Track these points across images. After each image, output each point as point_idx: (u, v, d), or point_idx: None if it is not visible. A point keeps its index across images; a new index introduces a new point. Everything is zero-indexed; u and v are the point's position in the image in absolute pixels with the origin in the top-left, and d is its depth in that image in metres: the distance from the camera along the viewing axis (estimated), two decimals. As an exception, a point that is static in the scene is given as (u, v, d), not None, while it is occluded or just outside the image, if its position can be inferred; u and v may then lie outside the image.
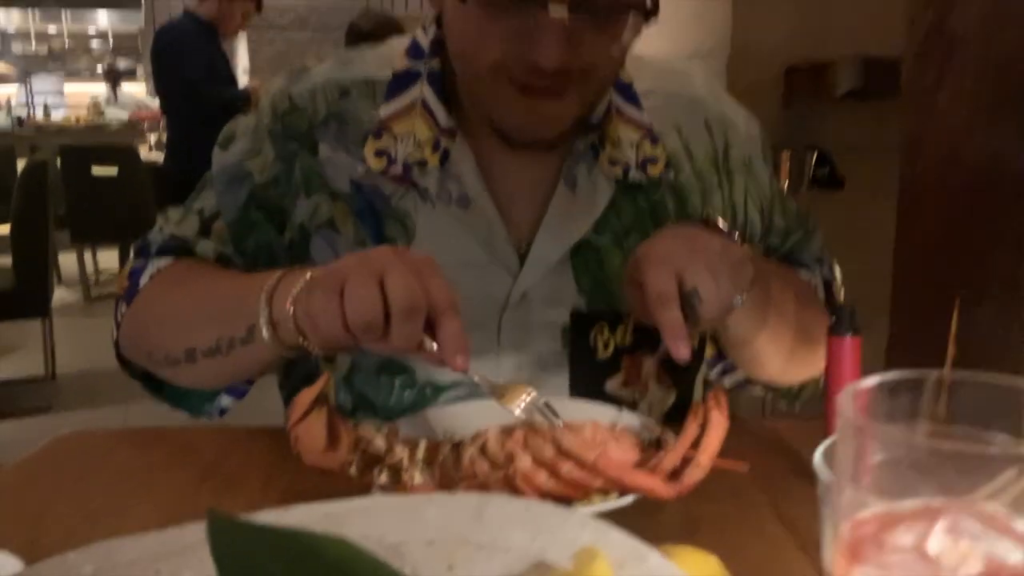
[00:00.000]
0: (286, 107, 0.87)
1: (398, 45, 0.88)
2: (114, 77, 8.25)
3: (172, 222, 0.91)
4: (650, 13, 0.73)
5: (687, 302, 0.67)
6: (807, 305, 0.88)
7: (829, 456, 0.45)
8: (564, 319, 0.84)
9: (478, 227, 0.83)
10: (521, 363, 0.84)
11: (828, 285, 0.97)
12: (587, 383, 0.84)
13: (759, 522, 0.62)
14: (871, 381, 0.34)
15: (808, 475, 0.70)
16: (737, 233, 0.82)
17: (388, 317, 0.60)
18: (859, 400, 0.33)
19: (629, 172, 0.85)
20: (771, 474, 0.70)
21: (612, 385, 0.85)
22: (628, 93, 0.87)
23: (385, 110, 0.84)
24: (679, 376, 0.90)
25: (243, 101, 3.60)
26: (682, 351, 0.65)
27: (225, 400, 0.88)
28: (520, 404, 0.63)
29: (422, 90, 0.84)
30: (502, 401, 0.63)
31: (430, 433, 0.61)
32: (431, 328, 0.62)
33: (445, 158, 0.83)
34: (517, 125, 0.80)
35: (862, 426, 0.32)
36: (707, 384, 0.98)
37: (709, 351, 0.95)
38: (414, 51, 0.86)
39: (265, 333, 0.68)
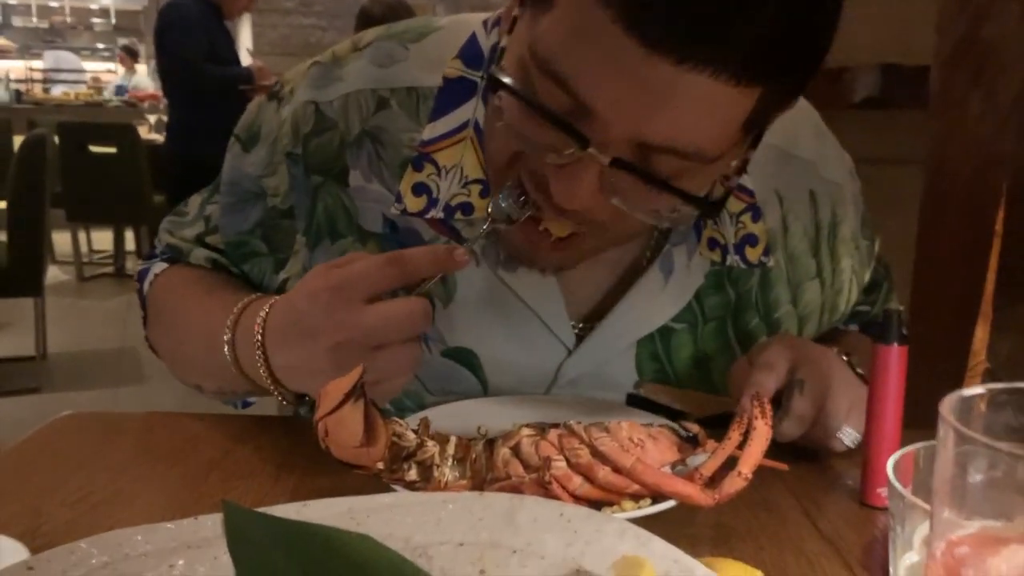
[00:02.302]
0: (311, 125, 0.73)
1: (445, 41, 0.73)
2: (133, 56, 8.19)
3: (174, 222, 0.87)
4: (706, 208, 0.60)
5: (787, 391, 0.65)
6: None
7: (900, 469, 0.43)
8: (619, 402, 0.75)
9: (529, 293, 0.72)
10: None
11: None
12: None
13: (797, 536, 0.59)
14: (975, 390, 0.31)
15: (843, 487, 0.68)
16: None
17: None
18: (961, 411, 0.31)
19: (727, 256, 0.74)
20: (804, 485, 0.67)
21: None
22: None
23: (430, 131, 0.71)
24: None
25: (245, 80, 3.58)
26: (747, 407, 0.57)
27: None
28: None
29: (475, 109, 0.70)
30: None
31: (460, 428, 0.58)
32: None
33: None
34: (539, 258, 0.69)
35: (969, 439, 0.29)
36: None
37: None
38: (470, 55, 0.71)
39: (256, 385, 0.67)
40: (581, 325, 0.74)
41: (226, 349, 0.67)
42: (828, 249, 0.80)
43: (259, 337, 0.63)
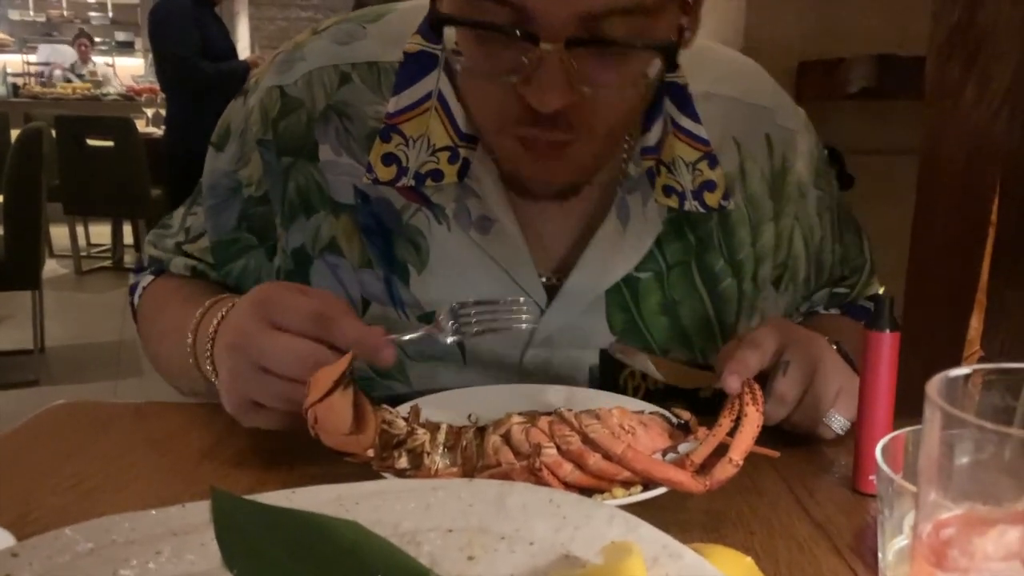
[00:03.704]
0: (278, 108, 0.76)
1: (405, 17, 0.77)
2: (91, 42, 8.16)
3: (157, 233, 0.89)
4: (671, 52, 0.63)
5: (772, 372, 0.66)
6: None
7: (889, 453, 0.43)
8: (592, 360, 0.77)
9: (501, 255, 0.74)
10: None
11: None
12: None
13: (788, 523, 0.59)
14: (962, 371, 0.31)
15: (835, 474, 0.68)
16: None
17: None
18: (948, 391, 0.30)
19: (684, 201, 0.75)
20: (795, 469, 0.67)
21: None
22: (683, 99, 0.76)
23: (395, 103, 0.73)
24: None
25: (242, 74, 3.57)
26: (731, 383, 0.60)
27: None
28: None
29: (438, 80, 0.72)
30: None
31: (451, 416, 0.58)
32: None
33: (464, 171, 0.72)
34: (530, 175, 0.70)
35: (956, 420, 0.29)
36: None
37: None
38: (430, 32, 0.73)
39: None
40: (552, 279, 0.76)
41: (188, 351, 0.70)
42: (777, 195, 0.82)
43: (210, 342, 0.66)
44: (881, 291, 0.99)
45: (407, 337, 0.63)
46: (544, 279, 0.75)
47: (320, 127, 0.75)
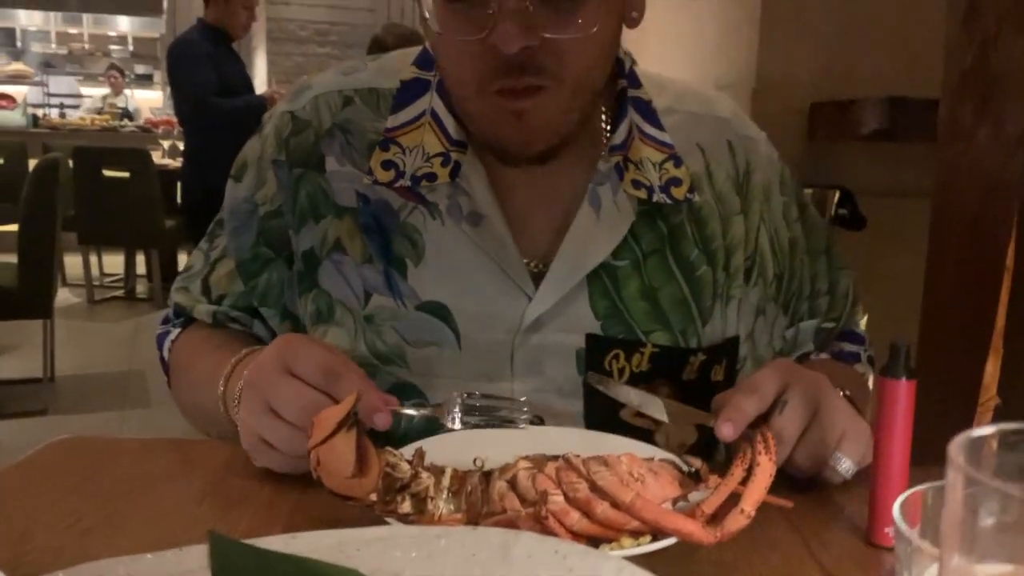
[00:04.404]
0: (289, 128, 0.85)
1: (404, 56, 0.87)
2: (121, 75, 8.28)
3: (183, 278, 0.93)
4: None
5: (770, 411, 0.65)
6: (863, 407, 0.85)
7: (907, 509, 0.41)
8: (579, 344, 0.81)
9: (490, 246, 0.80)
10: (536, 387, 0.81)
11: (872, 361, 0.97)
12: (602, 410, 0.80)
13: (800, 574, 0.57)
14: (984, 431, 0.30)
15: (848, 525, 0.66)
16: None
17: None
18: (971, 452, 0.29)
19: (653, 194, 0.82)
20: (809, 522, 0.65)
21: (627, 413, 0.81)
22: (649, 113, 0.85)
23: (392, 120, 0.82)
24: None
25: (257, 108, 3.60)
26: (725, 430, 0.63)
27: None
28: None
29: (431, 101, 0.82)
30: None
31: (457, 459, 0.57)
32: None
33: (455, 172, 0.80)
34: (509, 136, 0.77)
35: (979, 482, 0.27)
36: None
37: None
38: (423, 61, 0.84)
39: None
40: (538, 267, 0.82)
41: (219, 397, 0.75)
42: (744, 192, 0.88)
43: (239, 389, 0.69)
44: (864, 321, 1.01)
45: (407, 411, 0.67)
46: (530, 268, 0.81)
47: (326, 142, 0.84)
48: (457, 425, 0.66)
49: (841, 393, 0.72)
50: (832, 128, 2.12)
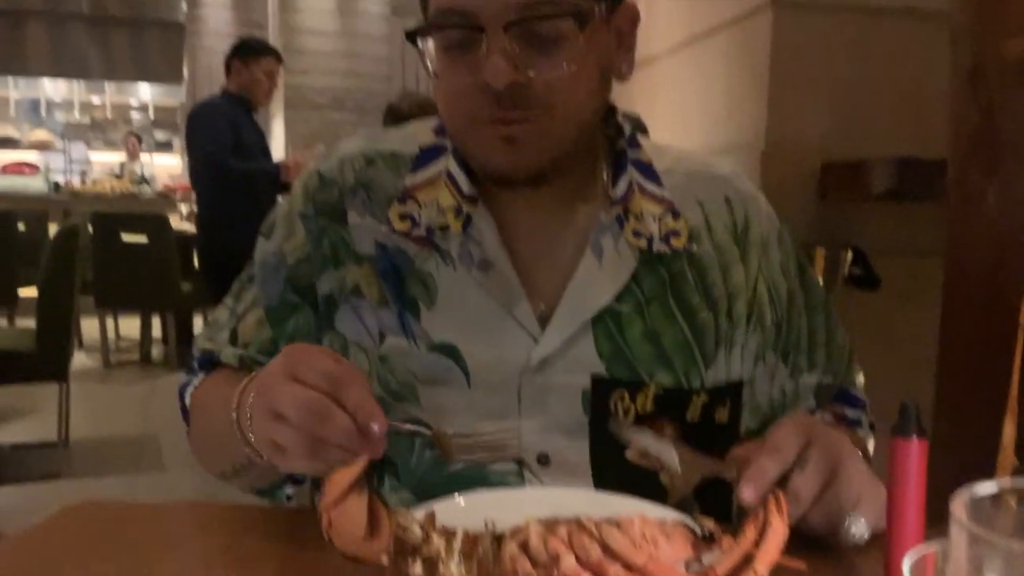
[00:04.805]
0: (316, 185, 0.92)
1: (423, 125, 0.94)
2: (139, 141, 8.47)
3: (210, 329, 0.96)
4: (585, 20, 0.77)
5: (792, 466, 0.66)
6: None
7: (918, 569, 0.41)
8: (585, 385, 0.84)
9: (498, 291, 0.84)
10: (542, 428, 0.83)
11: (872, 427, 0.97)
12: (608, 451, 0.82)
13: (818, 640, 0.57)
14: (988, 487, 0.30)
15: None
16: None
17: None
18: (974, 509, 0.30)
19: (653, 243, 0.86)
20: (824, 584, 0.65)
21: (632, 453, 0.81)
22: (648, 171, 0.90)
23: (411, 180, 0.89)
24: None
25: (271, 174, 3.61)
26: (748, 493, 0.63)
27: (288, 489, 0.90)
28: None
29: (447, 163, 0.88)
30: None
31: (468, 521, 0.57)
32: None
33: (467, 224, 0.85)
34: (501, 160, 0.81)
35: (984, 539, 0.28)
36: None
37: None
38: (441, 129, 0.91)
39: (250, 453, 0.72)
40: (543, 311, 0.85)
41: (234, 423, 0.74)
42: (743, 243, 0.91)
43: (250, 404, 0.71)
44: (860, 379, 1.00)
45: (404, 425, 0.70)
46: (537, 312, 0.85)
47: (349, 198, 0.90)
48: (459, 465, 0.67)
49: (860, 455, 0.72)
50: (843, 188, 2.14)
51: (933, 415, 1.31)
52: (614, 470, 0.76)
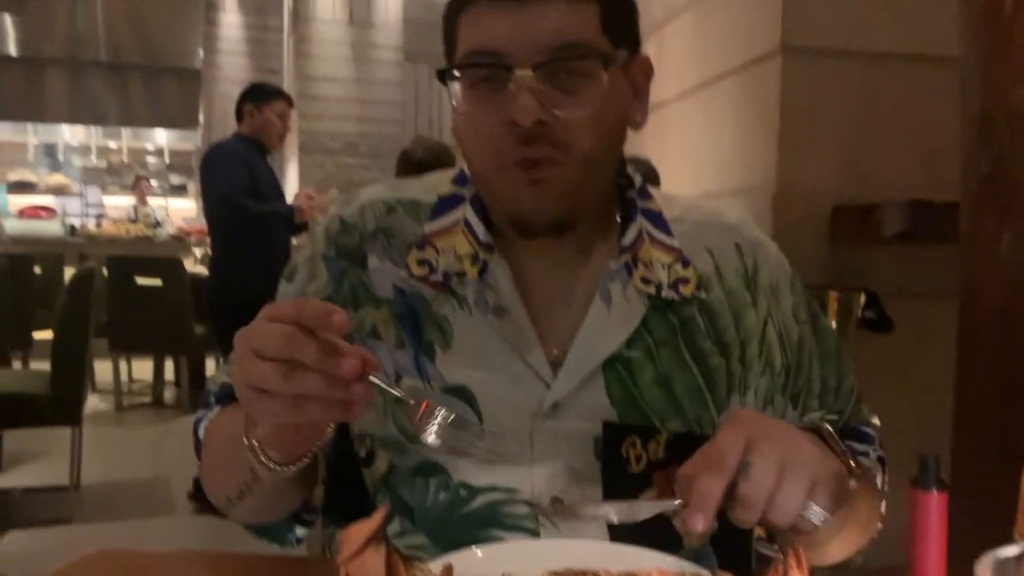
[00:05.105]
0: (337, 228, 0.93)
1: (443, 176, 0.97)
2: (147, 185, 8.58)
3: (229, 365, 0.94)
4: (608, 62, 0.80)
5: (736, 474, 0.64)
6: (870, 503, 0.82)
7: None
8: (597, 430, 0.85)
9: (512, 336, 0.86)
10: (554, 473, 0.84)
11: (882, 460, 0.96)
12: (620, 497, 0.80)
13: None
14: (1011, 550, 0.30)
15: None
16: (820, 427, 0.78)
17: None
18: (999, 572, 0.30)
19: (662, 290, 0.88)
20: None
21: (646, 499, 0.81)
22: (658, 220, 0.92)
23: (429, 227, 0.91)
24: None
25: (286, 216, 3.59)
26: (696, 523, 0.63)
27: (299, 531, 0.90)
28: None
29: (464, 212, 0.90)
30: None
31: (486, 572, 0.57)
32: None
33: (484, 271, 0.87)
34: (526, 204, 0.82)
35: (1008, 606, 0.28)
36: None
37: None
38: (459, 179, 0.94)
39: (252, 463, 0.73)
40: (556, 356, 0.86)
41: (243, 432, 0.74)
42: (753, 288, 0.92)
43: None
44: (875, 420, 0.99)
45: (383, 385, 0.67)
46: (550, 357, 0.86)
47: (369, 243, 0.92)
48: (431, 438, 0.67)
49: (807, 433, 0.72)
50: (855, 231, 2.14)
51: (951, 462, 1.29)
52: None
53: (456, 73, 0.82)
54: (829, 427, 0.76)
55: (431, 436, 0.67)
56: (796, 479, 0.66)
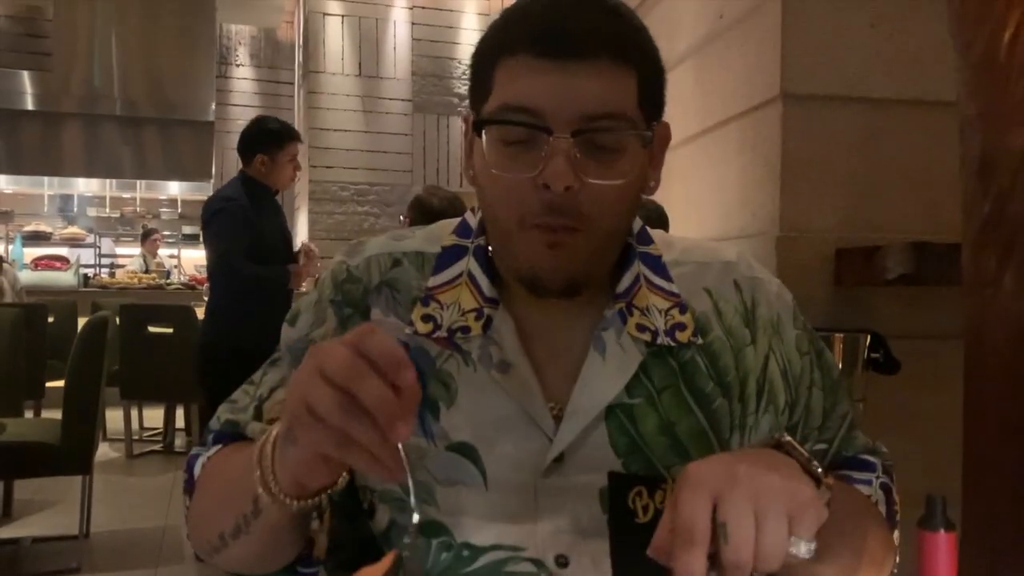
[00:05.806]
0: (344, 276, 0.93)
1: (446, 225, 0.96)
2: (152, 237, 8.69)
3: (231, 405, 0.94)
4: (646, 140, 0.82)
5: (713, 539, 0.61)
6: (874, 531, 0.83)
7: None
8: (602, 482, 0.84)
9: (516, 391, 0.85)
10: (560, 528, 0.83)
11: (886, 488, 0.92)
12: (629, 549, 0.81)
13: None
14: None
15: None
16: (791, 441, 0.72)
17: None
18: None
19: (658, 337, 0.87)
20: None
21: (654, 551, 0.79)
22: (657, 265, 0.92)
23: (433, 281, 0.90)
24: None
25: (282, 281, 3.48)
26: None
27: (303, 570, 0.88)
28: None
29: (468, 264, 0.90)
30: None
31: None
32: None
33: (488, 326, 0.87)
34: (542, 265, 0.82)
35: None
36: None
37: None
38: (462, 230, 0.94)
39: (259, 490, 0.71)
40: (558, 410, 0.86)
41: (255, 459, 0.73)
42: (752, 325, 0.92)
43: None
44: (880, 446, 0.98)
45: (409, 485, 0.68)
46: (553, 411, 0.85)
47: (373, 296, 0.91)
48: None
49: (766, 453, 0.68)
50: (858, 273, 2.15)
51: (963, 505, 1.29)
52: (636, 569, 0.74)
53: (489, 126, 0.81)
54: (787, 436, 0.70)
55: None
56: (774, 521, 0.62)
